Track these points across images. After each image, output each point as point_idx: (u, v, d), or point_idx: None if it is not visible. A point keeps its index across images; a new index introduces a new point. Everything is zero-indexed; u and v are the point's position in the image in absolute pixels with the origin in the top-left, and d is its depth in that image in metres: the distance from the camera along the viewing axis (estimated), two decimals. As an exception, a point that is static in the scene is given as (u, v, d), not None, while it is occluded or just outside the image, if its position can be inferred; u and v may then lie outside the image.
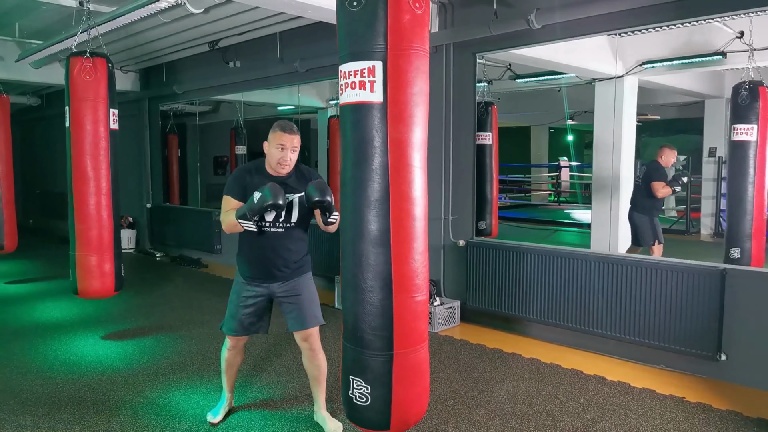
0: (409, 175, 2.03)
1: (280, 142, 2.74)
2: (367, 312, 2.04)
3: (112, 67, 4.26)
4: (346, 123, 2.07)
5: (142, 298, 5.90)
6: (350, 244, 2.08)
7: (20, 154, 11.22)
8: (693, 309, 3.73)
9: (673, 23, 3.99)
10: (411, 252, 2.06)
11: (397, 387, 2.06)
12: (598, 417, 3.19)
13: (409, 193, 2.04)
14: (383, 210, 2.01)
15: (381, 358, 2.05)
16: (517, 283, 4.63)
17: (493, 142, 5.62)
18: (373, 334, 2.04)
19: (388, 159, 2.00)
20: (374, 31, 1.96)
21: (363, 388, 2.06)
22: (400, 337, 2.05)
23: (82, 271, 4.25)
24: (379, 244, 2.02)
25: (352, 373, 2.10)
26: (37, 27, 6.20)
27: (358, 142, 2.02)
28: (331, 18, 4.61)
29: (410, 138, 2.03)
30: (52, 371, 3.86)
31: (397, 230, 2.03)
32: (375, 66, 1.96)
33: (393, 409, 2.07)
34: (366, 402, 2.07)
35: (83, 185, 4.19)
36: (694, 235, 7.94)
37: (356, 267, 2.06)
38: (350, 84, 2.01)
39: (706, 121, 7.79)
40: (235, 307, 2.95)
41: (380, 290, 2.03)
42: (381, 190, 2.00)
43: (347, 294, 2.13)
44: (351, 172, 2.06)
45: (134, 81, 8.77)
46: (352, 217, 2.07)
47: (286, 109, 8.76)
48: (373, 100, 1.98)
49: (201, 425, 3.08)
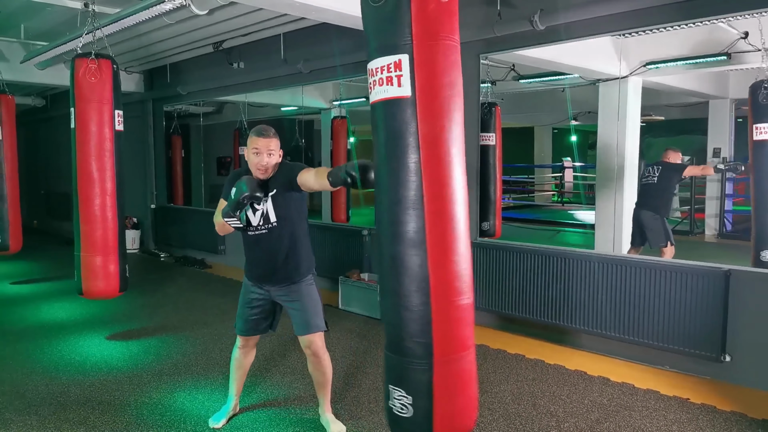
0: (444, 171, 1.93)
1: (255, 147, 2.73)
2: (405, 318, 1.93)
3: (117, 69, 4.27)
4: (376, 121, 1.98)
5: (147, 299, 5.92)
6: (386, 247, 1.98)
7: (25, 155, 11.26)
8: (697, 310, 3.72)
9: (678, 24, 3.98)
10: (450, 254, 1.94)
11: (439, 398, 1.93)
12: (602, 418, 3.18)
13: (445, 191, 1.93)
14: (417, 209, 1.90)
15: (421, 367, 1.93)
16: (521, 284, 4.62)
17: (496, 143, 5.62)
18: (413, 342, 1.93)
19: (420, 155, 1.89)
20: (398, 23, 1.88)
21: (404, 399, 1.95)
22: (441, 344, 1.92)
23: (87, 272, 4.26)
24: (414, 245, 1.91)
25: (392, 382, 1.99)
26: (43, 28, 6.23)
27: (388, 139, 1.93)
28: (335, 19, 4.61)
29: (444, 132, 1.93)
30: (57, 371, 3.88)
31: (433, 231, 1.91)
32: (401, 59, 1.88)
33: (435, 422, 1.93)
34: (408, 414, 1.95)
35: (88, 186, 4.21)
36: (699, 236, 7.93)
37: (392, 271, 1.95)
38: (378, 81, 1.92)
39: (711, 121, 7.78)
40: (242, 307, 2.99)
41: (417, 294, 1.91)
42: (415, 188, 1.90)
43: (385, 300, 2.01)
44: (382, 170, 1.97)
45: (138, 82, 8.79)
46: (387, 217, 1.97)
47: (289, 110, 8.77)
48: (401, 95, 1.89)
49: (205, 426, 3.09)
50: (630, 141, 5.77)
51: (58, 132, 10.25)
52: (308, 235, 2.97)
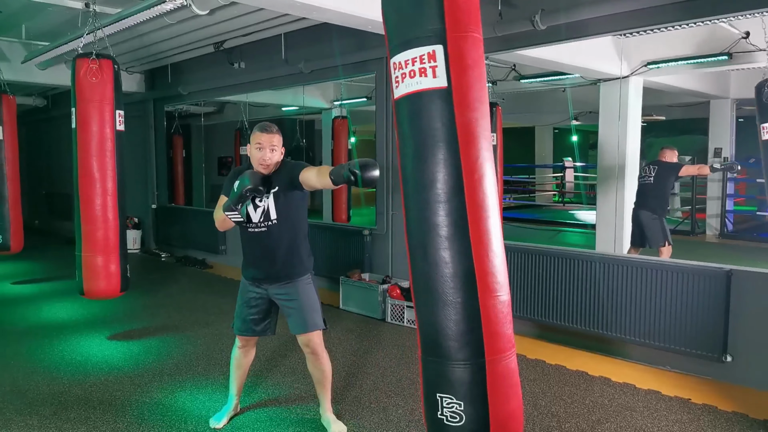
0: (480, 163, 1.88)
1: (258, 142, 2.74)
2: (449, 317, 1.84)
3: (118, 69, 4.28)
4: (403, 116, 1.92)
5: (148, 299, 5.92)
6: (420, 246, 1.90)
7: (26, 155, 11.28)
8: (698, 310, 3.72)
9: (679, 24, 3.98)
10: (490, 246, 1.88)
11: (493, 400, 1.83)
12: (603, 418, 3.18)
13: (483, 184, 1.88)
14: (458, 204, 1.84)
15: (471, 368, 1.83)
16: (521, 285, 4.62)
17: (497, 143, 5.62)
18: (459, 341, 1.84)
19: (459, 148, 1.84)
20: (430, 14, 1.84)
21: (455, 406, 1.83)
22: (490, 341, 1.84)
23: (88, 272, 4.26)
24: (456, 239, 1.84)
25: (438, 390, 1.86)
26: (44, 28, 6.23)
27: (422, 132, 1.87)
28: (336, 19, 4.61)
29: (478, 124, 1.89)
30: (58, 371, 3.88)
31: (474, 223, 1.85)
32: (435, 50, 1.83)
33: (492, 427, 1.83)
34: (460, 422, 1.83)
35: (89, 186, 4.21)
36: (700, 236, 7.93)
37: (431, 269, 1.87)
38: (408, 73, 1.86)
39: (712, 121, 7.78)
40: (240, 306, 2.99)
41: (463, 291, 1.83)
42: (454, 182, 1.84)
43: (421, 302, 1.93)
44: (415, 165, 1.89)
45: (140, 82, 8.80)
46: (420, 215, 1.90)
47: (290, 110, 8.78)
48: (437, 86, 1.84)
49: (206, 426, 3.09)
50: (631, 141, 5.78)
51: (59, 132, 10.25)
52: (307, 235, 2.97)
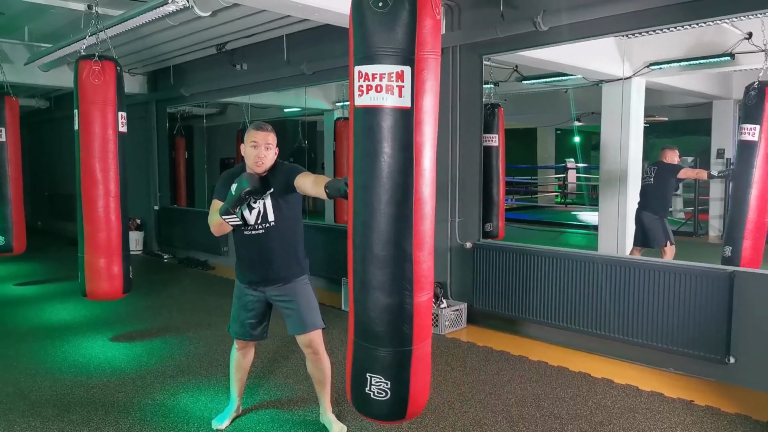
0: (427, 176, 2.07)
1: (254, 140, 2.75)
2: (386, 311, 2.09)
3: (120, 71, 4.28)
4: (365, 126, 2.04)
5: (150, 300, 5.93)
6: (378, 245, 2.09)
7: (29, 157, 11.27)
8: (701, 312, 3.71)
9: (682, 24, 3.97)
10: (428, 252, 2.13)
11: (414, 380, 2.16)
12: (605, 420, 3.18)
13: (427, 195, 2.08)
14: (407, 211, 2.03)
15: (400, 354, 2.12)
16: (524, 286, 4.62)
17: (499, 144, 5.62)
18: (391, 332, 2.11)
19: (413, 162, 2.02)
20: (403, 35, 1.95)
21: (382, 384, 2.12)
22: (417, 332, 2.14)
23: (91, 273, 4.27)
24: (402, 244, 2.05)
25: (370, 371, 2.15)
26: (46, 30, 6.25)
27: (378, 145, 2.01)
28: (338, 21, 4.62)
29: (430, 142, 2.07)
30: (61, 373, 3.89)
31: (418, 231, 2.07)
32: (404, 71, 1.96)
33: (410, 401, 2.16)
34: (385, 397, 2.13)
35: (92, 188, 4.22)
36: (702, 237, 7.90)
37: (372, 268, 2.10)
38: (375, 87, 1.97)
39: (714, 122, 7.75)
40: (237, 310, 2.97)
41: (405, 290, 2.08)
42: (405, 192, 2.02)
43: (360, 296, 2.15)
44: (374, 175, 2.05)
45: (142, 84, 8.82)
46: (367, 217, 2.08)
47: (292, 112, 8.78)
48: (402, 105, 1.97)
49: (208, 427, 3.09)
50: (633, 142, 5.76)
51: (61, 133, 10.29)
52: (302, 236, 2.97)
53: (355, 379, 2.19)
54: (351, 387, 2.23)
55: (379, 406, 2.16)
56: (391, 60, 1.96)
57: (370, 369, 2.14)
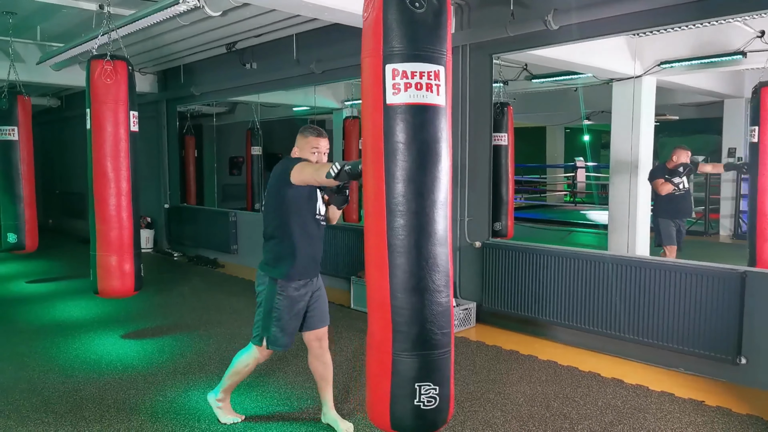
0: (450, 175, 2.12)
1: (315, 146, 2.83)
2: (436, 313, 2.06)
3: (132, 70, 4.31)
4: (404, 123, 2.01)
5: (161, 298, 5.97)
6: (415, 247, 2.04)
7: (41, 155, 11.36)
8: (712, 312, 3.69)
9: (693, 23, 3.95)
10: (452, 252, 2.20)
11: (453, 381, 2.17)
12: (616, 420, 3.17)
13: (448, 193, 2.12)
14: (444, 210, 2.06)
15: (445, 355, 2.11)
16: (533, 285, 4.61)
17: (509, 143, 5.60)
18: (441, 333, 2.08)
19: (449, 160, 2.08)
20: (439, 36, 2.03)
21: (432, 391, 2.06)
22: (452, 332, 2.16)
23: (103, 271, 4.30)
24: (443, 244, 2.06)
25: (418, 380, 2.06)
26: (58, 30, 6.30)
27: (426, 144, 2.02)
28: (348, 20, 4.63)
29: (450, 138, 2.13)
30: (73, 370, 3.93)
31: (450, 228, 2.11)
32: (439, 70, 2.02)
33: (451, 403, 2.16)
34: (434, 405, 2.07)
35: (104, 186, 4.25)
36: (713, 236, 7.85)
37: (424, 269, 2.04)
38: (414, 85, 2.00)
39: (726, 121, 7.69)
40: (288, 320, 2.83)
41: (447, 289, 2.08)
42: (445, 190, 2.06)
43: (417, 299, 2.04)
44: (417, 173, 2.03)
45: (152, 83, 8.87)
46: (416, 219, 2.03)
47: (301, 110, 8.80)
48: (439, 104, 2.03)
49: (219, 425, 3.11)
50: (644, 140, 5.74)
51: (73, 132, 10.35)
52: None
53: (399, 394, 2.06)
54: (392, 406, 2.08)
55: (431, 416, 2.08)
56: (430, 59, 2.02)
57: (420, 378, 2.05)
